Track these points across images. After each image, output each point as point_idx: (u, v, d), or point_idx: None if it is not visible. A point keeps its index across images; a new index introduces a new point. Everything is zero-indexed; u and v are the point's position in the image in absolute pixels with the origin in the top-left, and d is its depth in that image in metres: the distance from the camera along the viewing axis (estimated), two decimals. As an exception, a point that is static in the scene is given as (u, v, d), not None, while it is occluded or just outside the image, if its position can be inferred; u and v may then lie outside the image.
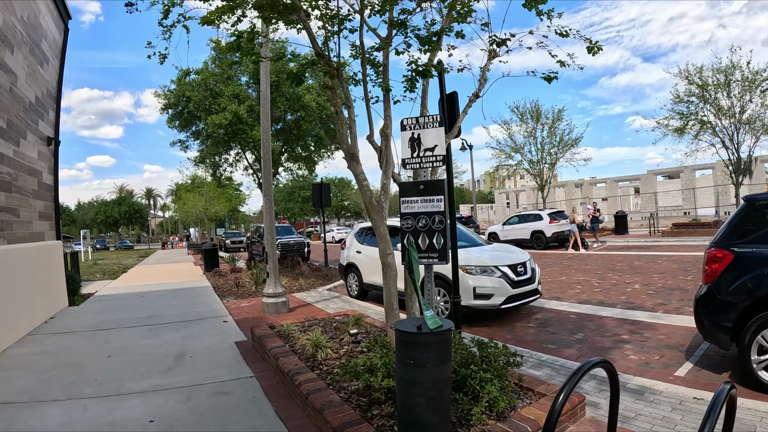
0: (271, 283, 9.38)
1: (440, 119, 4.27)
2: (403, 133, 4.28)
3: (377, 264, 10.44)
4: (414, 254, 3.38)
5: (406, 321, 3.45)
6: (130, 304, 11.27)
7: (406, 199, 4.27)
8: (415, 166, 4.29)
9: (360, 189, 4.85)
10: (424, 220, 4.27)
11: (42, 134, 10.77)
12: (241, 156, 18.26)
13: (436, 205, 4.25)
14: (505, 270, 8.53)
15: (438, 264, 4.36)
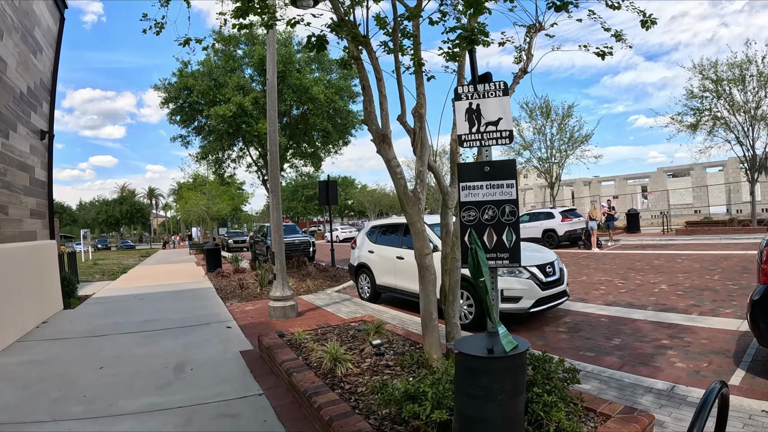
0: (279, 286, 8.70)
1: (504, 86, 3.55)
2: (458, 104, 3.55)
3: (391, 264, 9.83)
4: (481, 255, 2.66)
5: (468, 340, 2.75)
6: (127, 307, 10.60)
7: (467, 184, 3.44)
8: (474, 143, 3.54)
9: (393, 178, 4.14)
10: (491, 210, 3.44)
11: (34, 127, 10.11)
12: (244, 152, 17.56)
13: (507, 191, 3.42)
14: (533, 270, 7.89)
15: (509, 266, 3.56)
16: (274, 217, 8.90)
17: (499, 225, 3.44)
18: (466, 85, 3.71)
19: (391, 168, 4.09)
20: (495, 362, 2.44)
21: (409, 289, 9.39)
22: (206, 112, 13.91)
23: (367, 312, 9.09)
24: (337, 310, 9.42)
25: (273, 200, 8.88)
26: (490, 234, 3.44)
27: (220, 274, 15.49)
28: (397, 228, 10.32)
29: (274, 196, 8.87)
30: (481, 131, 3.57)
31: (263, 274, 12.03)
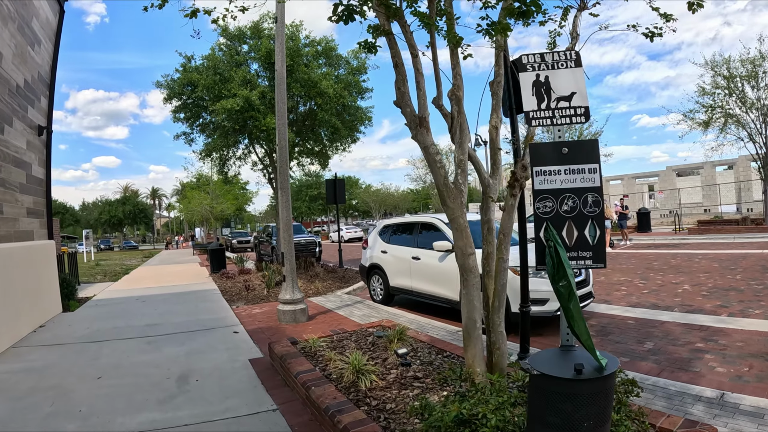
0: (289, 288, 8.20)
1: (576, 56, 3.02)
2: (524, 75, 3.03)
3: (406, 265, 9.30)
4: (563, 254, 2.16)
5: (542, 357, 2.25)
6: (129, 310, 10.11)
7: (542, 169, 2.85)
8: (544, 122, 3.01)
9: (431, 167, 3.62)
10: (571, 200, 2.88)
11: (32, 122, 9.64)
12: (249, 150, 17.01)
13: (589, 177, 2.83)
14: None
15: (594, 267, 2.99)
16: (284, 215, 8.40)
17: (581, 217, 2.90)
18: (531, 54, 3.20)
19: (430, 156, 3.57)
20: (584, 386, 1.94)
21: (426, 292, 8.90)
22: (211, 107, 13.35)
23: (382, 315, 8.59)
24: (350, 313, 8.92)
25: (282, 197, 8.39)
26: (570, 228, 2.89)
27: (225, 275, 15.00)
28: (411, 227, 9.82)
29: (283, 193, 8.37)
30: (552, 107, 3.04)
31: (270, 276, 11.53)
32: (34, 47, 9.92)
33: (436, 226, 9.07)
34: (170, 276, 17.38)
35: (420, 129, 3.50)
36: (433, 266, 8.71)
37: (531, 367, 2.12)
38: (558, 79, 3.01)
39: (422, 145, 3.56)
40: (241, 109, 12.90)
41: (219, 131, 14.81)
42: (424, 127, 3.51)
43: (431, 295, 8.83)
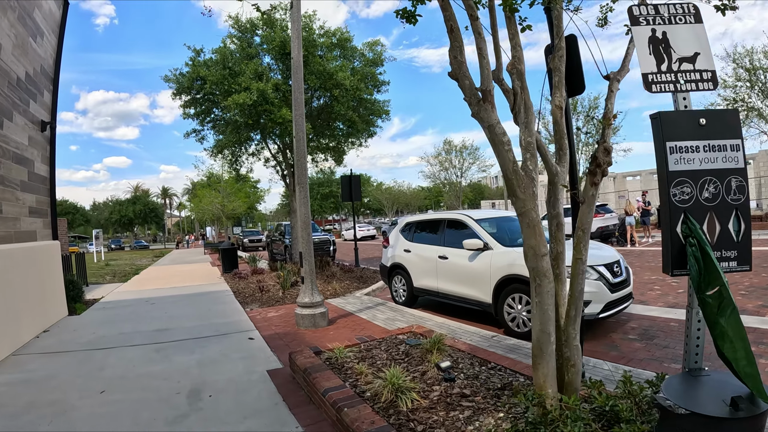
0: (308, 290, 7.66)
1: (695, 10, 2.43)
2: (637, 30, 2.43)
3: (432, 265, 8.67)
4: (712, 254, 1.58)
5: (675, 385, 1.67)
6: (137, 313, 9.63)
7: (677, 145, 2.19)
8: (666, 87, 2.39)
9: (496, 150, 3.02)
10: (713, 185, 2.23)
11: (34, 117, 9.20)
12: (262, 146, 16.46)
13: (732, 156, 2.18)
14: (601, 270, 6.86)
15: (738, 270, 2.32)
16: (302, 212, 7.86)
17: (724, 207, 2.28)
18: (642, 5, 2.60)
19: (496, 136, 2.95)
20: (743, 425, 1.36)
21: (454, 293, 8.34)
22: (222, 102, 12.82)
23: (408, 319, 8.03)
24: (373, 317, 8.36)
25: (300, 193, 7.84)
26: (711, 221, 2.27)
27: (238, 276, 14.51)
28: (437, 224, 9.26)
29: (301, 189, 7.83)
30: (674, 70, 2.42)
31: (286, 276, 11.00)
32: (36, 39, 9.48)
33: (465, 224, 8.51)
34: (181, 276, 16.94)
35: (483, 105, 2.90)
36: (463, 266, 8.15)
37: (673, 404, 1.54)
38: (677, 36, 2.41)
39: (486, 123, 2.97)
40: (254, 103, 12.37)
41: (230, 127, 14.30)
42: (489, 101, 2.90)
43: (460, 297, 8.27)
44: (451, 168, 50.02)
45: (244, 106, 12.30)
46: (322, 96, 14.31)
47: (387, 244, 10.66)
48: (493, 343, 6.36)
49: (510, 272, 7.23)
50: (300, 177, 7.82)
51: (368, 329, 7.34)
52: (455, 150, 49.14)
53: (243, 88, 12.54)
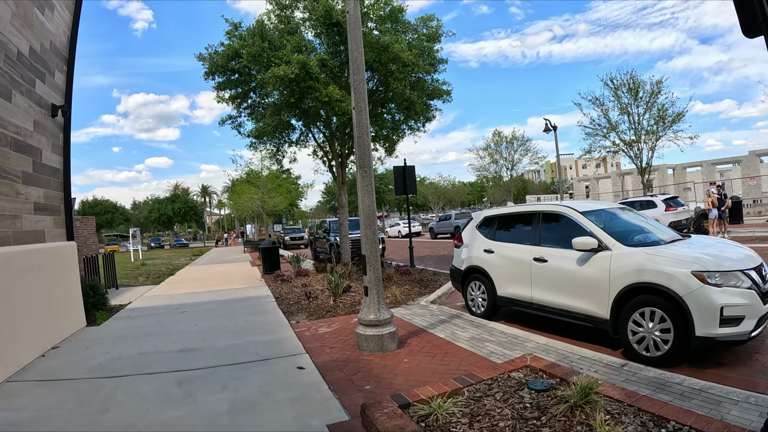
0: (373, 304, 6.05)
1: None
2: None
3: (524, 269, 7.12)
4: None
5: None
6: (164, 325, 8.28)
7: None
8: None
9: None
10: None
11: (41, 100, 7.95)
12: (307, 133, 14.88)
13: None
14: (753, 276, 5.21)
15: None
16: (365, 203, 6.23)
17: None
18: None
19: None
20: None
21: (556, 305, 6.64)
22: (260, 76, 11.26)
23: (497, 338, 6.35)
24: (452, 335, 6.69)
25: (363, 180, 6.22)
26: None
27: (280, 278, 13.10)
28: (528, 219, 7.56)
29: (364, 174, 6.21)
30: None
31: (338, 281, 9.44)
32: (44, 12, 8.22)
33: (569, 218, 6.78)
34: (218, 278, 15.69)
35: None
36: (568, 271, 6.43)
37: None
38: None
39: None
40: (296, 78, 10.81)
41: (270, 110, 12.82)
42: None
43: (563, 309, 6.54)
44: (501, 160, 47.81)
45: (285, 81, 10.76)
46: (376, 73, 12.64)
47: (460, 243, 8.99)
48: (628, 376, 4.71)
49: (639, 279, 5.50)
50: (362, 158, 6.20)
51: (454, 355, 5.71)
52: (505, 141, 46.94)
53: (284, 62, 11.02)
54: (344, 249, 13.34)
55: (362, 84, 6.28)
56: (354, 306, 8.95)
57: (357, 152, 6.23)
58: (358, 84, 6.26)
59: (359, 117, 6.23)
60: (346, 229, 13.51)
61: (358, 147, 6.22)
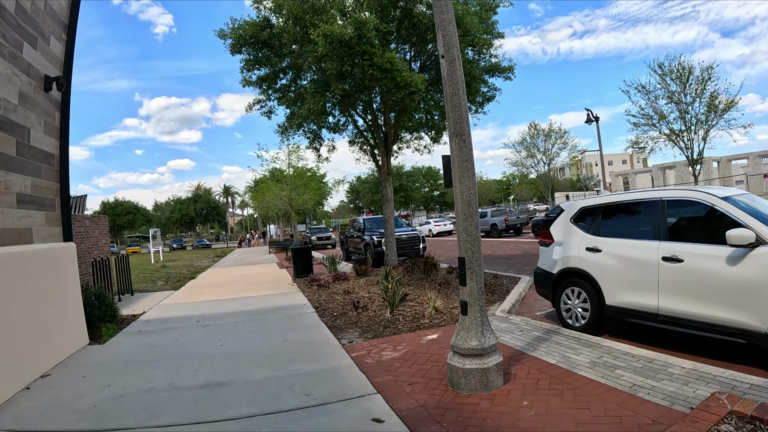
0: (475, 326, 4.32)
1: None
2: None
3: (644, 271, 5.85)
4: None
5: None
6: (181, 345, 6.70)
7: None
8: None
9: None
10: None
11: (30, 68, 6.47)
12: (348, 117, 13.11)
13: None
14: None
15: None
16: (464, 184, 4.49)
17: None
18: None
19: None
20: None
21: (696, 316, 5.24)
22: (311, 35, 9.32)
23: (626, 362, 4.66)
24: (565, 359, 4.96)
25: (460, 153, 4.47)
26: None
27: (315, 283, 11.49)
28: (648, 208, 5.96)
29: (461, 145, 4.47)
30: None
31: (395, 289, 7.74)
32: (37, -40, 6.73)
33: (709, 205, 5.20)
34: (244, 282, 14.13)
35: None
36: (716, 273, 4.86)
37: None
38: None
39: None
40: (350, 40, 8.98)
41: (313, 87, 11.00)
42: None
43: (707, 322, 4.99)
44: (539, 154, 45.68)
45: (335, 44, 8.97)
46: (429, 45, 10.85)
47: (548, 241, 7.25)
48: None
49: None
50: (458, 122, 4.46)
51: (586, 392, 4.04)
52: (543, 134, 44.79)
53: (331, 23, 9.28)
54: (390, 249, 11.63)
55: (451, 24, 4.57)
56: (417, 319, 7.26)
57: (451, 115, 4.52)
58: (446, 25, 4.55)
59: (451, 68, 4.52)
60: (392, 226, 11.83)
61: (452, 108, 4.50)
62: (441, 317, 7.28)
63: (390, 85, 9.46)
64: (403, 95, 9.03)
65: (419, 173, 73.15)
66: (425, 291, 9.11)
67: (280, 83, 12.79)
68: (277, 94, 12.91)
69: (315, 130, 13.11)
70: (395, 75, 9.07)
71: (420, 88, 8.98)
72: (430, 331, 6.61)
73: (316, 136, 13.31)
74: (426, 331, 6.59)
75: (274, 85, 12.67)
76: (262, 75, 12.33)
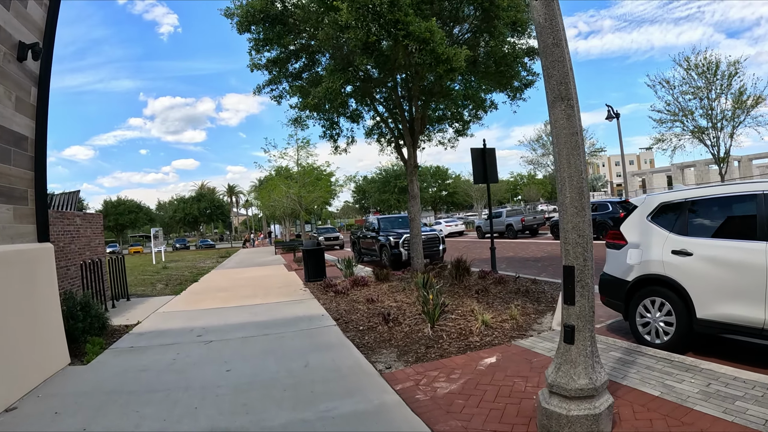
0: (583, 358, 3.11)
1: None
2: None
3: (749, 279, 4.68)
4: None
5: None
6: (179, 369, 5.53)
7: None
8: None
9: None
10: None
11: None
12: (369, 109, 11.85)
13: None
14: None
15: None
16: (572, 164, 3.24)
17: None
18: None
19: None
20: None
21: None
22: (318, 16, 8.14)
23: (736, 389, 3.74)
24: (669, 390, 3.76)
25: (567, 122, 3.24)
26: None
27: (332, 288, 10.30)
28: (750, 202, 4.91)
29: (569, 112, 3.25)
30: None
31: (437, 301, 6.50)
32: None
33: None
34: (251, 286, 12.96)
35: None
36: None
37: None
38: None
39: None
40: (380, 5, 7.65)
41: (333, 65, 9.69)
42: None
43: None
44: (555, 152, 44.44)
45: (363, 8, 7.69)
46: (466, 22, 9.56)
47: (621, 242, 6.06)
48: None
49: None
50: (561, 82, 3.19)
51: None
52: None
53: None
54: (415, 252, 10.40)
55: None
56: (464, 336, 6.05)
57: (554, 73, 3.30)
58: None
59: (549, 11, 3.34)
60: (419, 226, 10.58)
61: (553, 63, 3.29)
62: (492, 334, 6.08)
63: (429, 59, 8.00)
64: (442, 71, 7.73)
65: (427, 172, 72.06)
66: (462, 300, 7.92)
67: (293, 68, 11.61)
68: (289, 80, 11.73)
69: (332, 118, 11.89)
70: (436, 47, 7.73)
71: (461, 66, 7.72)
72: (485, 352, 5.42)
73: (332, 124, 12.06)
74: (480, 353, 5.40)
75: (285, 70, 11.48)
76: (272, 57, 11.13)
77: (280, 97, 11.74)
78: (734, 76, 25.72)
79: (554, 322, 6.60)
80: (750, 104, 25.84)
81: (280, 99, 11.68)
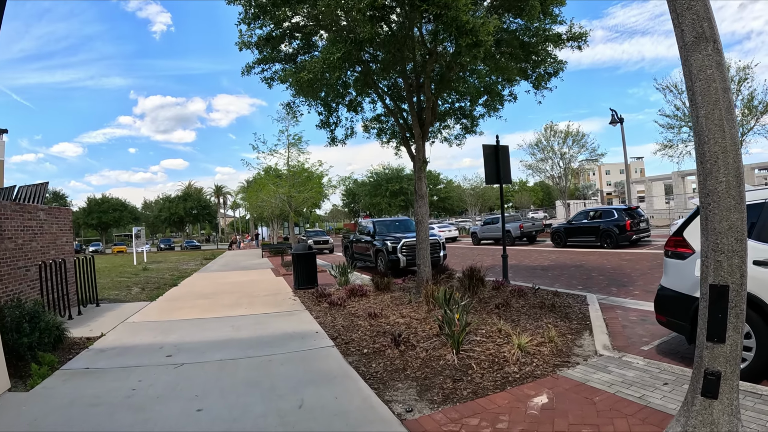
0: (727, 418, 2.00)
1: None
2: None
3: None
4: None
5: None
6: (137, 407, 4.32)
7: None
8: None
9: None
10: None
11: None
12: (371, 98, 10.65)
13: None
14: None
15: None
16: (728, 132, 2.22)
17: None
18: None
19: None
20: None
21: None
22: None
23: None
24: None
25: (717, 71, 2.18)
26: None
27: (325, 299, 9.11)
28: None
29: (714, 53, 2.20)
30: None
31: (464, 321, 5.31)
32: None
33: None
34: (235, 293, 11.72)
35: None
36: None
37: None
38: None
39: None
40: None
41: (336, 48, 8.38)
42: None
43: None
44: (554, 156, 43.41)
45: None
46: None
47: (686, 251, 4.96)
48: None
49: None
50: (703, 21, 2.21)
51: None
52: (561, 135, 42.49)
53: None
54: (422, 259, 9.18)
55: None
56: (498, 366, 4.87)
57: (696, 4, 2.23)
58: None
59: None
60: (426, 230, 9.35)
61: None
62: (531, 362, 4.93)
63: (451, 28, 6.59)
64: (464, 45, 6.48)
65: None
66: (482, 317, 6.77)
67: (287, 50, 10.40)
68: (282, 63, 10.51)
69: (329, 103, 10.67)
70: (459, 14, 6.35)
71: (488, 41, 6.51)
72: (529, 387, 4.27)
73: (330, 111, 10.81)
74: (523, 389, 4.25)
75: (278, 51, 10.26)
76: (264, 35, 9.91)
77: (271, 80, 10.51)
78: (744, 82, 24.97)
79: (599, 345, 5.48)
80: (761, 110, 25.03)
81: (272, 81, 10.44)
